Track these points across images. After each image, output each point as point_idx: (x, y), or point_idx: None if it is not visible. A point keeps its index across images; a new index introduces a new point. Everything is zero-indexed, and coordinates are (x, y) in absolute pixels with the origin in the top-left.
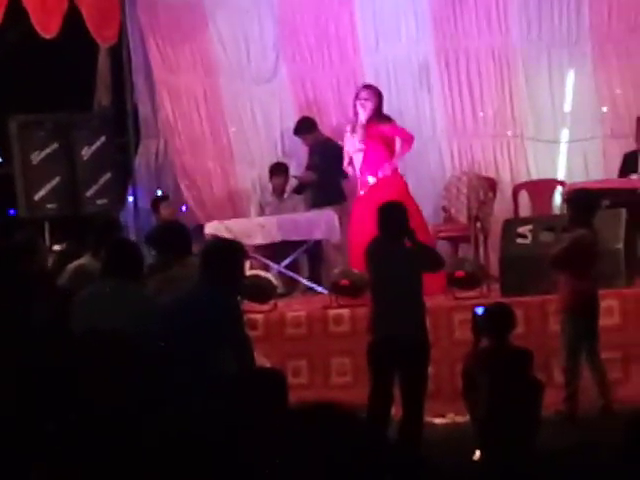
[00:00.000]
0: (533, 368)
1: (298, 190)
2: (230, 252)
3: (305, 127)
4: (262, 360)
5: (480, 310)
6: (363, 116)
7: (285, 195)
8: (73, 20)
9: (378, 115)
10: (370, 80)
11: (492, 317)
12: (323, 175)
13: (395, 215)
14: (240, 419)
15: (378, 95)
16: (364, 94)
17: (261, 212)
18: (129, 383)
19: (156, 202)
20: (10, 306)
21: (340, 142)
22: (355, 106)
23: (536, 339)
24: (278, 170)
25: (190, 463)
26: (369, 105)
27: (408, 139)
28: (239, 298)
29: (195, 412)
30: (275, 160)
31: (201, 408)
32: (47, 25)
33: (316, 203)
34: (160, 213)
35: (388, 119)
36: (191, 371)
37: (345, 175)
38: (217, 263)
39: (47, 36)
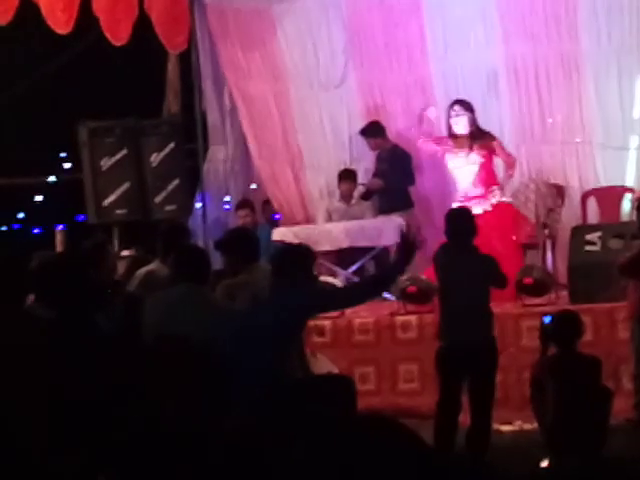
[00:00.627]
0: (602, 376)
1: (365, 196)
2: (300, 256)
3: (373, 130)
4: (330, 367)
5: (548, 318)
6: (463, 129)
7: (353, 201)
8: (143, 27)
9: (480, 130)
10: (438, 87)
11: (560, 325)
12: (390, 182)
13: (463, 222)
14: (309, 425)
15: (471, 110)
16: (457, 107)
17: (328, 219)
18: (198, 388)
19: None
20: (79, 313)
21: (407, 149)
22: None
23: (605, 346)
24: (347, 176)
25: (255, 468)
26: (464, 119)
27: (513, 163)
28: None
29: (264, 417)
30: (342, 166)
31: (270, 413)
32: (117, 32)
33: (383, 209)
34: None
35: (492, 136)
36: (261, 376)
37: (412, 181)
38: (288, 267)
39: (117, 43)
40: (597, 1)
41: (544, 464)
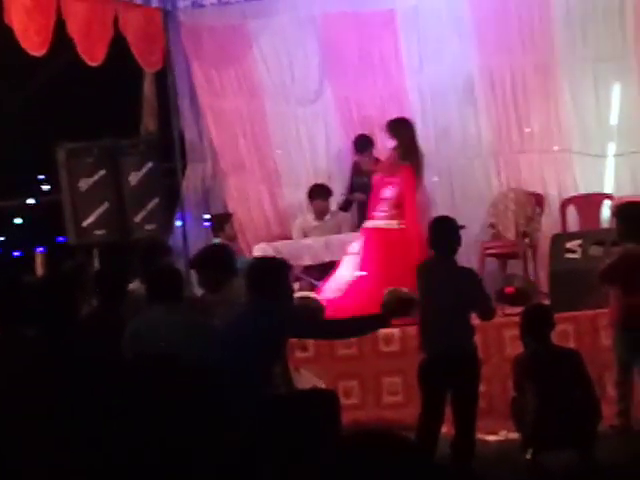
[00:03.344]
0: (584, 367)
1: (344, 207)
2: (274, 269)
3: (368, 144)
4: (315, 381)
5: None
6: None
7: (327, 217)
8: (118, 46)
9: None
10: (415, 99)
11: (529, 317)
12: None
13: (446, 232)
14: (294, 438)
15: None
16: None
17: (304, 236)
18: (185, 405)
19: (220, 221)
20: (62, 334)
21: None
22: None
23: (588, 354)
24: (318, 194)
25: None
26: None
27: None
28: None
29: (248, 431)
30: (320, 181)
31: (254, 427)
32: (93, 53)
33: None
34: (225, 232)
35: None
36: (245, 390)
37: None
38: (262, 281)
39: (93, 64)
40: (571, 10)
41: (529, 455)
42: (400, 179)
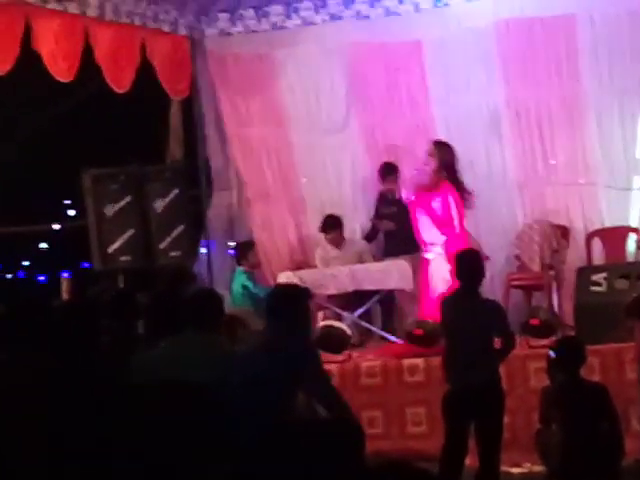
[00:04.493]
0: (611, 402)
1: (369, 237)
2: (294, 297)
3: (393, 171)
4: None
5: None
6: None
7: (344, 246)
8: (145, 74)
9: None
10: (441, 130)
11: (563, 350)
12: (400, 225)
13: (472, 264)
14: (318, 469)
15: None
16: None
17: (326, 266)
18: (206, 434)
19: (243, 249)
20: (84, 360)
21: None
22: None
23: (613, 388)
24: (330, 225)
25: None
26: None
27: None
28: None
29: (272, 462)
30: (346, 210)
31: (278, 458)
32: (120, 80)
33: (390, 252)
34: (248, 260)
35: None
36: (265, 421)
37: None
38: (283, 308)
39: (120, 91)
40: (598, 43)
41: None
42: (443, 193)
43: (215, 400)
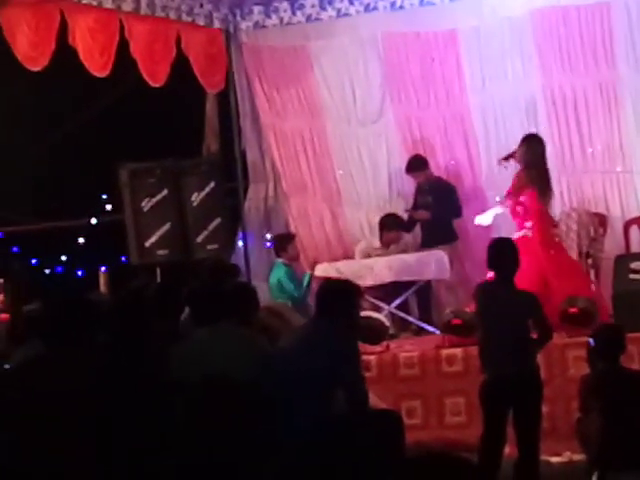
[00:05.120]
0: None
1: (408, 226)
2: (345, 292)
3: (417, 165)
4: (375, 401)
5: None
6: None
7: (392, 247)
8: (181, 67)
9: None
10: (477, 120)
11: (603, 337)
12: (436, 214)
13: (506, 253)
14: (359, 460)
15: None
16: None
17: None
18: (245, 430)
19: (283, 242)
20: (135, 354)
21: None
22: None
23: None
24: (391, 225)
25: None
26: None
27: None
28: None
29: (312, 454)
30: (382, 202)
31: (318, 450)
32: (155, 74)
33: (427, 242)
34: (288, 252)
35: None
36: (309, 413)
37: (459, 214)
38: (333, 304)
39: (156, 84)
40: (634, 29)
41: (594, 478)
42: (525, 202)
43: (258, 398)
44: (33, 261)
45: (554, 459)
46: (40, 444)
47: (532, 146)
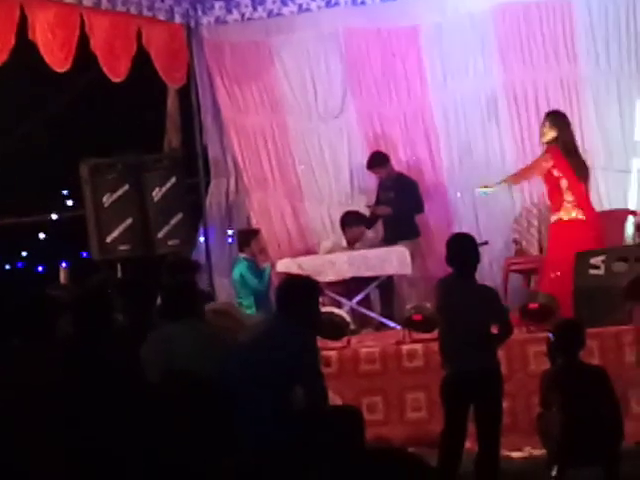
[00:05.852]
0: (610, 385)
1: (369, 223)
2: (305, 289)
3: (378, 161)
4: (331, 397)
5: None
6: None
7: (357, 245)
8: (142, 63)
9: None
10: (438, 115)
11: (562, 332)
12: (398, 210)
13: (465, 248)
14: (316, 456)
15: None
16: None
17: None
18: (206, 425)
19: (246, 236)
20: (90, 349)
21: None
22: None
23: (612, 370)
24: (351, 221)
25: None
26: None
27: None
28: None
29: (272, 450)
30: (344, 197)
31: (277, 445)
32: (116, 68)
33: (389, 238)
34: (251, 247)
35: None
36: (267, 407)
37: (421, 209)
38: (293, 300)
39: (116, 80)
40: (595, 25)
41: (554, 472)
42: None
43: (219, 393)
44: None
45: (515, 454)
46: (5, 440)
47: (564, 121)
